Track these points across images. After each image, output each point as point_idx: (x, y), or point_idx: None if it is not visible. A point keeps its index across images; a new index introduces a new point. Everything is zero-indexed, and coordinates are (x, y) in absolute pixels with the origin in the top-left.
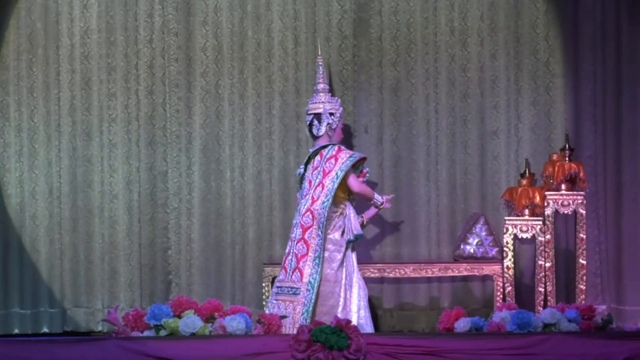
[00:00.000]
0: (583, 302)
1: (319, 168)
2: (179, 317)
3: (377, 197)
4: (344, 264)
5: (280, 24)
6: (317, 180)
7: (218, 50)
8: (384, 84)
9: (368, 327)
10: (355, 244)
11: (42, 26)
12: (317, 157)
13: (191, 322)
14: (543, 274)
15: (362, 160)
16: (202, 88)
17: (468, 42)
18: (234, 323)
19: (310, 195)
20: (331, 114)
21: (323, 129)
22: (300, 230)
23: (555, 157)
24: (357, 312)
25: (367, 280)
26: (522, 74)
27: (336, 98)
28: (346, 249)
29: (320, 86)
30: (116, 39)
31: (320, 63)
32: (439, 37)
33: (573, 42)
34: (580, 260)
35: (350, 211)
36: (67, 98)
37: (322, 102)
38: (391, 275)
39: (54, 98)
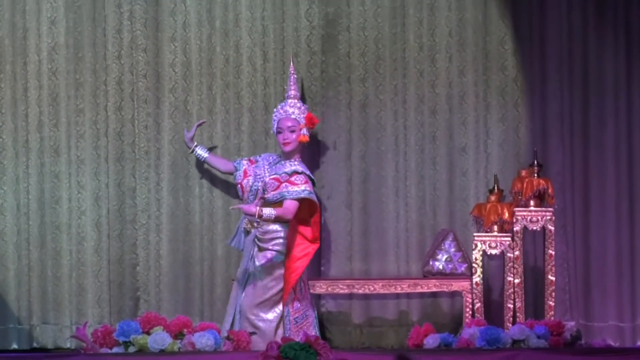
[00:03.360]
0: (552, 318)
1: None
2: (148, 333)
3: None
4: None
5: (248, 40)
6: None
7: (187, 66)
8: (352, 100)
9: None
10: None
11: (10, 42)
12: None
13: (160, 338)
14: (512, 290)
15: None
16: (171, 104)
17: (436, 58)
18: (203, 339)
19: None
20: None
21: None
22: None
23: (523, 173)
24: None
25: (337, 297)
26: (490, 90)
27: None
28: None
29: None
30: (84, 55)
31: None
32: (408, 53)
33: (540, 57)
34: (549, 276)
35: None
36: (35, 114)
37: None
38: (360, 291)
39: (22, 114)
